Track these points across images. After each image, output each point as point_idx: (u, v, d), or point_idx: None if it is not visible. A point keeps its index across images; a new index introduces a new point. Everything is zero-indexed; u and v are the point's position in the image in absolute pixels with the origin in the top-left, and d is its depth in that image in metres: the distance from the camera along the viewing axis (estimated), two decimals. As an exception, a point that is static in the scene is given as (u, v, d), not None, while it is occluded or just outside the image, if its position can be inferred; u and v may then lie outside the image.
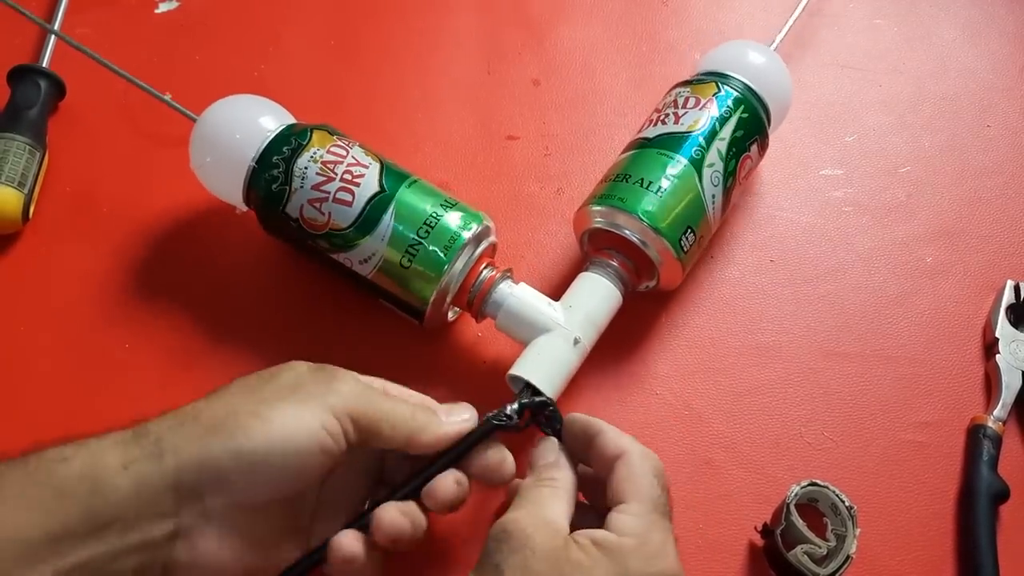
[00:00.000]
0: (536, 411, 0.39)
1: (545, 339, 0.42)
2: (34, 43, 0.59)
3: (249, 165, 0.45)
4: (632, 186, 0.46)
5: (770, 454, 0.46)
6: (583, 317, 0.43)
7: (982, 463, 0.45)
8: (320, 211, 0.44)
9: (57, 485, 0.31)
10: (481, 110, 0.58)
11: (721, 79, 0.49)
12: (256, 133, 0.46)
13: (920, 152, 0.58)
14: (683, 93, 0.49)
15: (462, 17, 0.63)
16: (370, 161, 0.45)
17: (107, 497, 0.31)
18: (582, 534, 0.33)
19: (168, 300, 0.50)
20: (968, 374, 0.49)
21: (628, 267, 0.46)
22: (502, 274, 0.45)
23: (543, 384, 0.40)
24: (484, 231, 0.45)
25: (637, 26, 0.63)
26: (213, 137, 0.47)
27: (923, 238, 0.54)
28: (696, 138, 0.47)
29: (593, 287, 0.45)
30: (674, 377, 0.48)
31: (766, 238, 0.53)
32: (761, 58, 0.51)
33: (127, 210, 0.53)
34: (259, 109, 0.48)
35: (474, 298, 0.44)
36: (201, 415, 0.33)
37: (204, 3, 0.62)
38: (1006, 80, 0.61)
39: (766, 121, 0.50)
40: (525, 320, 0.43)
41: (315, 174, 0.44)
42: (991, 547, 0.43)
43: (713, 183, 0.46)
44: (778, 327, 0.50)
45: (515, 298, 0.44)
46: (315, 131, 0.46)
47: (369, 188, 0.44)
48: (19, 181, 0.50)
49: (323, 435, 0.33)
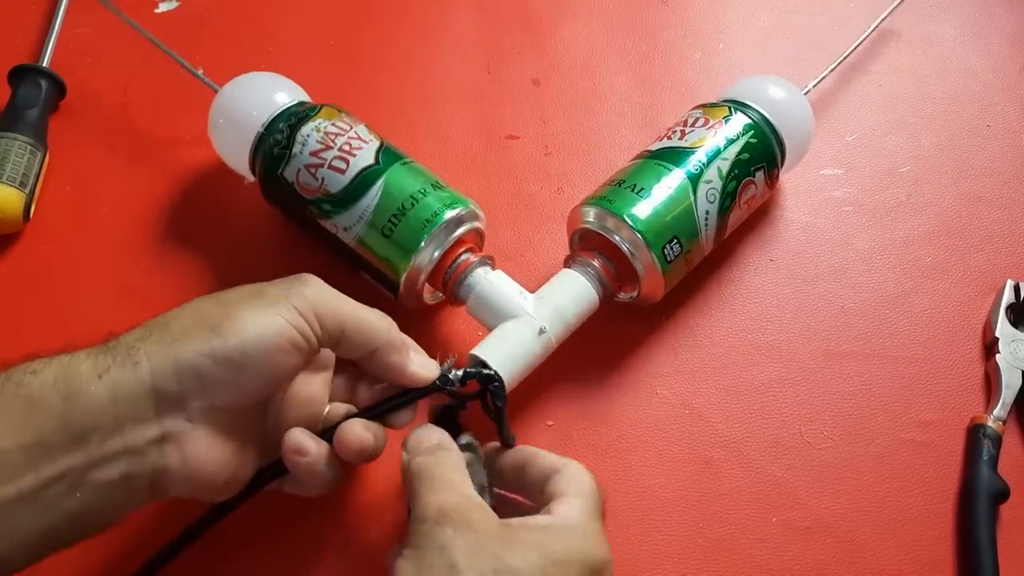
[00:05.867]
0: (482, 383, 0.39)
1: (510, 324, 0.43)
2: (35, 43, 0.59)
3: (257, 131, 0.47)
4: (623, 190, 0.46)
5: (770, 454, 0.46)
6: (552, 309, 0.43)
7: (982, 463, 0.45)
8: (314, 176, 0.45)
9: (28, 396, 0.30)
10: (481, 110, 0.58)
11: (737, 106, 0.50)
12: (270, 104, 0.48)
13: (920, 152, 0.58)
14: (695, 114, 0.50)
15: (462, 17, 0.63)
16: (371, 138, 0.47)
17: (82, 406, 0.31)
18: (517, 520, 0.34)
19: (168, 301, 0.49)
20: (968, 374, 0.49)
21: (609, 271, 0.46)
22: (480, 259, 0.45)
23: (499, 365, 0.40)
24: (468, 215, 0.45)
25: (637, 26, 0.63)
26: (231, 105, 0.49)
27: (923, 238, 0.54)
28: (696, 153, 0.47)
29: (568, 282, 0.45)
30: (674, 377, 0.48)
31: (766, 237, 0.54)
32: (784, 94, 0.51)
33: (127, 210, 0.53)
34: (279, 85, 0.50)
35: (448, 279, 0.45)
36: (170, 324, 0.33)
37: (204, 3, 0.63)
38: (1006, 80, 0.61)
39: (778, 155, 0.50)
40: (494, 306, 0.43)
41: (316, 142, 0.46)
42: (991, 547, 0.43)
43: (708, 199, 0.46)
44: (778, 327, 0.50)
45: (487, 283, 0.44)
46: (324, 107, 0.48)
47: (364, 160, 0.45)
48: (20, 181, 0.50)
49: (291, 331, 0.34)
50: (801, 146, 0.52)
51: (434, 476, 0.35)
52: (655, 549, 0.43)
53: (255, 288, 0.35)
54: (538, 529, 0.33)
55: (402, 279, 0.44)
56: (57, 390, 0.31)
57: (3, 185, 0.50)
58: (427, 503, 0.33)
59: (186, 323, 0.33)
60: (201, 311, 0.34)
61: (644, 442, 0.46)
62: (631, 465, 0.46)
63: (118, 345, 0.33)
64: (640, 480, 0.45)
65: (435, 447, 0.36)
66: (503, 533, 0.32)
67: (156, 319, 0.34)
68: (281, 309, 0.34)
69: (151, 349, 0.32)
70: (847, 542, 0.44)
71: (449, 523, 0.32)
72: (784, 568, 0.43)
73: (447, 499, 0.33)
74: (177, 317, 0.34)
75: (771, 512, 0.44)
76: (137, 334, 0.33)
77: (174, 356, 0.32)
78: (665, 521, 0.44)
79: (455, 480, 0.35)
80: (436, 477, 0.35)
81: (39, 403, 0.30)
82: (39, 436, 0.30)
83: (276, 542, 0.42)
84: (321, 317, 0.35)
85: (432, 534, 0.32)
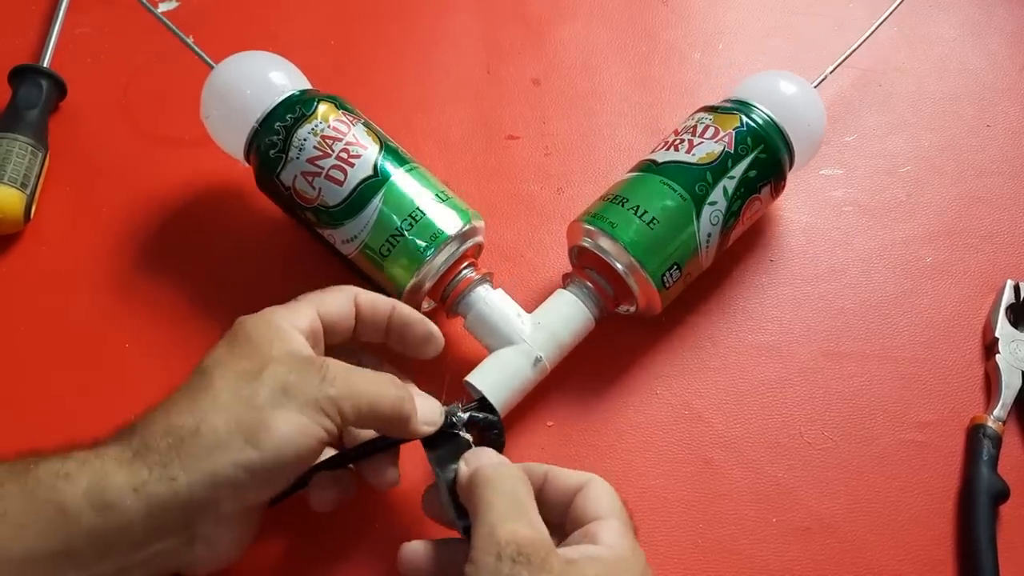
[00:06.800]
0: (482, 430, 0.40)
1: (508, 352, 0.43)
2: (35, 43, 0.59)
3: (252, 125, 0.45)
4: (625, 211, 0.45)
5: (770, 454, 0.46)
6: (549, 336, 0.43)
7: (982, 463, 0.45)
8: (311, 185, 0.44)
9: (60, 504, 0.30)
10: (481, 110, 0.58)
11: (746, 110, 0.47)
12: (266, 93, 0.46)
13: (920, 152, 0.58)
14: (704, 120, 0.48)
15: (462, 17, 0.63)
16: (370, 142, 0.45)
17: (116, 521, 0.31)
18: (572, 551, 0.33)
19: (168, 301, 0.50)
20: (968, 374, 0.49)
21: (605, 292, 0.45)
22: (481, 277, 0.45)
23: (495, 395, 0.41)
24: (470, 231, 0.45)
25: (637, 26, 0.63)
26: (224, 89, 0.47)
27: (923, 238, 0.54)
28: (703, 172, 0.45)
29: (565, 307, 0.44)
30: (674, 377, 0.48)
31: (766, 237, 0.53)
32: (795, 90, 0.49)
33: (127, 210, 0.53)
34: (274, 66, 0.47)
35: (448, 295, 0.45)
36: (202, 430, 0.33)
37: (204, 3, 0.62)
38: (1006, 80, 0.61)
39: (786, 162, 0.48)
40: (492, 327, 0.43)
41: (313, 147, 0.44)
42: (991, 547, 0.43)
43: (712, 222, 0.45)
44: (778, 327, 0.50)
45: (486, 304, 0.44)
46: (322, 102, 0.46)
47: (363, 170, 0.44)
48: (21, 182, 0.50)
49: (320, 432, 0.34)
50: (811, 147, 0.50)
51: (504, 493, 0.34)
52: (655, 549, 0.43)
53: (282, 384, 0.34)
54: (597, 563, 0.33)
55: (402, 296, 0.44)
56: (90, 501, 0.31)
57: (4, 186, 0.50)
58: (499, 530, 0.32)
59: (219, 431, 0.33)
60: (234, 416, 0.33)
61: (644, 442, 0.46)
62: (631, 465, 0.46)
63: (148, 453, 0.32)
64: (640, 480, 0.45)
65: (498, 463, 0.36)
66: (568, 572, 0.32)
67: (184, 419, 0.33)
68: (311, 413, 0.34)
69: (187, 462, 0.32)
70: (847, 542, 0.44)
71: (526, 566, 0.31)
72: (784, 568, 0.43)
73: (523, 534, 0.32)
74: (207, 420, 0.33)
75: (771, 512, 0.44)
76: (167, 441, 0.32)
77: (212, 471, 0.32)
78: (665, 521, 0.44)
79: (525, 505, 0.34)
80: (506, 495, 0.34)
81: (71, 513, 0.30)
82: (69, 546, 0.30)
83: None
84: (344, 413, 0.35)
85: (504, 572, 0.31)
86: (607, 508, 0.35)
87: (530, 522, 0.33)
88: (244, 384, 0.34)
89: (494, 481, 0.35)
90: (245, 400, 0.34)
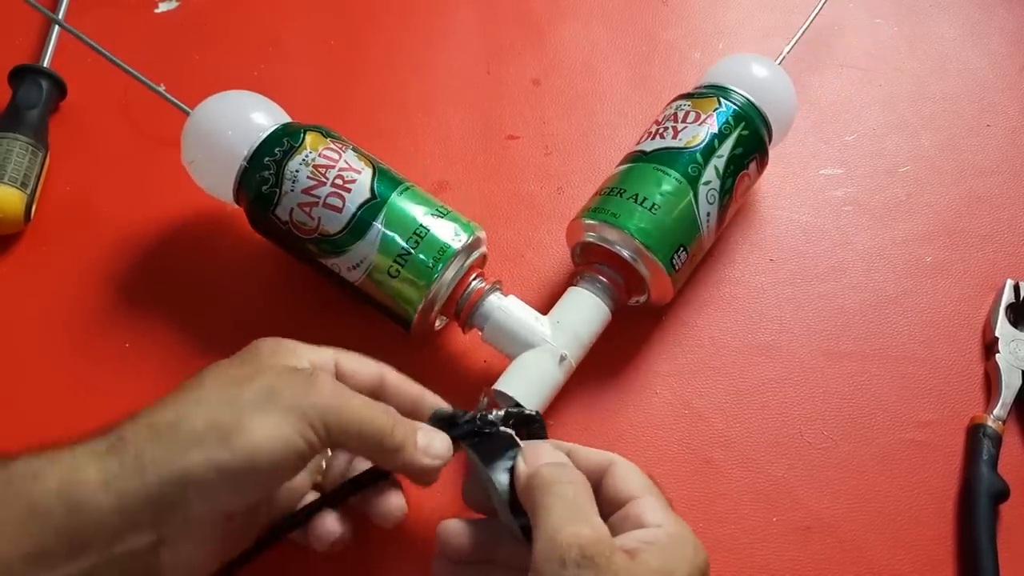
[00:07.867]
0: (521, 423, 0.38)
1: (532, 355, 0.43)
2: (35, 43, 0.59)
3: (240, 164, 0.45)
4: (626, 201, 0.45)
5: (770, 454, 0.46)
6: (571, 334, 0.43)
7: (982, 462, 0.45)
8: (310, 215, 0.44)
9: (30, 504, 0.30)
10: (481, 110, 0.58)
11: (723, 93, 0.49)
12: (248, 132, 0.45)
13: (920, 151, 0.58)
14: (683, 106, 0.49)
15: (462, 17, 0.63)
16: (362, 166, 0.45)
17: (87, 518, 0.30)
18: (626, 539, 0.33)
19: (168, 300, 0.50)
20: (968, 373, 0.49)
21: (617, 283, 0.46)
22: (491, 286, 0.45)
23: (527, 400, 0.41)
24: (475, 242, 0.45)
25: (637, 26, 0.63)
26: (205, 134, 0.46)
27: (923, 237, 0.54)
28: (693, 154, 0.46)
29: (582, 303, 0.45)
30: (674, 377, 0.48)
31: (766, 237, 0.54)
32: (765, 72, 0.50)
33: (127, 210, 0.53)
34: (253, 106, 0.47)
35: (462, 309, 0.44)
36: (180, 425, 0.32)
37: (204, 3, 0.63)
38: (1006, 79, 0.61)
39: (767, 138, 0.49)
40: (512, 334, 0.43)
41: (306, 177, 0.44)
42: (991, 547, 0.43)
43: (709, 201, 0.46)
44: (778, 327, 0.50)
45: (503, 311, 0.44)
46: (308, 132, 0.45)
47: (360, 195, 0.44)
48: (21, 182, 0.50)
49: (300, 443, 0.33)
50: (786, 124, 0.51)
51: (563, 497, 0.33)
52: (655, 549, 0.43)
53: (268, 388, 0.34)
54: (655, 547, 0.32)
55: (414, 317, 0.44)
56: (61, 500, 0.30)
57: (5, 186, 0.50)
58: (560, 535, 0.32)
59: (196, 428, 0.32)
60: (213, 414, 0.33)
61: (644, 442, 0.46)
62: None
63: (124, 446, 0.32)
64: (640, 480, 0.45)
65: (556, 463, 0.35)
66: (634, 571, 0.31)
67: (163, 415, 0.33)
68: (293, 420, 0.33)
69: (159, 455, 0.32)
70: (847, 542, 0.44)
71: (591, 568, 0.30)
72: (784, 568, 0.43)
73: (585, 535, 0.32)
74: (187, 416, 0.33)
75: (771, 512, 0.44)
76: (144, 435, 0.32)
77: (183, 467, 0.32)
78: (665, 521, 0.44)
79: (586, 508, 0.33)
80: (566, 499, 0.33)
81: (42, 513, 0.30)
82: (41, 546, 0.30)
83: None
84: (329, 427, 0.34)
85: None
86: (639, 486, 0.35)
87: (591, 523, 0.33)
88: (232, 387, 0.34)
89: (553, 485, 0.34)
90: (228, 401, 0.33)
